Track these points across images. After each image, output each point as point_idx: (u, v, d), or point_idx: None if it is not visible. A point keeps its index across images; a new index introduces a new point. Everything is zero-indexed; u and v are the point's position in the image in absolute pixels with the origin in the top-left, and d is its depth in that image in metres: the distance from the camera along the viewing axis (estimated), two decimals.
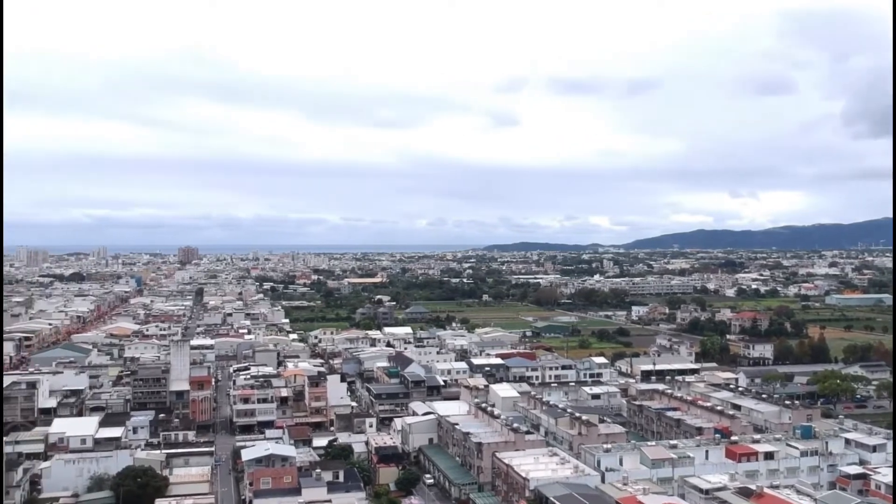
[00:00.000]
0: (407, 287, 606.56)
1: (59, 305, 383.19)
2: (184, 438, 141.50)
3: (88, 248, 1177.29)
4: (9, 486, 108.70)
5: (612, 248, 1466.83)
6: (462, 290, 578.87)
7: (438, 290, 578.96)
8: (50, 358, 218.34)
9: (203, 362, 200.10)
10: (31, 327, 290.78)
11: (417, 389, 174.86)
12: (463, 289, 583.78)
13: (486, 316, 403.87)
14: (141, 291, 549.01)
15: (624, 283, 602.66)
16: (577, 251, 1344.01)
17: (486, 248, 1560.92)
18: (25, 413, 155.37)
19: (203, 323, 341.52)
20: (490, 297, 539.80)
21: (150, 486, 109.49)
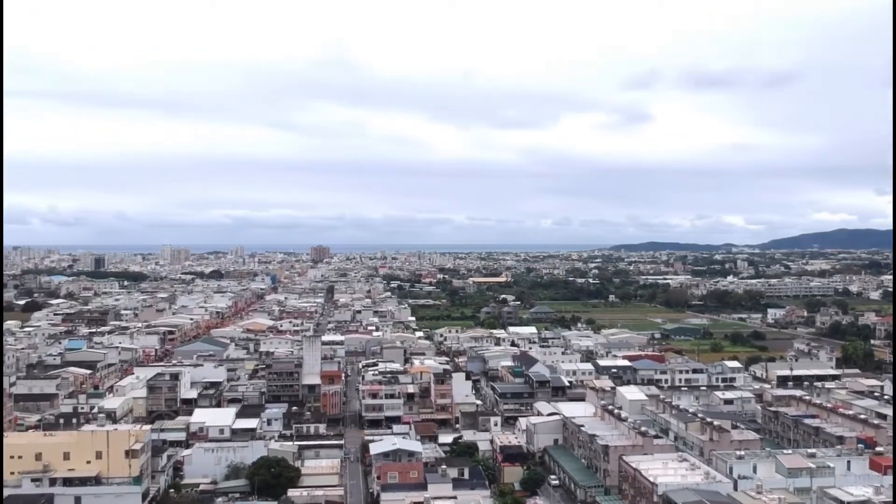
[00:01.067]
0: (532, 287, 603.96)
1: (200, 301, 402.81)
2: (315, 431, 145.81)
3: (227, 248, 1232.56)
4: (154, 470, 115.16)
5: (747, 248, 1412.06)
6: (588, 290, 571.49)
7: (564, 290, 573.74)
8: (191, 351, 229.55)
9: (333, 357, 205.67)
10: (174, 322, 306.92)
11: (542, 390, 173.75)
12: (589, 289, 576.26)
13: (612, 317, 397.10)
14: (276, 289, 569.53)
15: (759, 285, 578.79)
16: (709, 251, 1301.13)
17: (613, 247, 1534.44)
18: (169, 403, 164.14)
19: (333, 319, 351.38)
20: (617, 297, 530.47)
21: (283, 477, 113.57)
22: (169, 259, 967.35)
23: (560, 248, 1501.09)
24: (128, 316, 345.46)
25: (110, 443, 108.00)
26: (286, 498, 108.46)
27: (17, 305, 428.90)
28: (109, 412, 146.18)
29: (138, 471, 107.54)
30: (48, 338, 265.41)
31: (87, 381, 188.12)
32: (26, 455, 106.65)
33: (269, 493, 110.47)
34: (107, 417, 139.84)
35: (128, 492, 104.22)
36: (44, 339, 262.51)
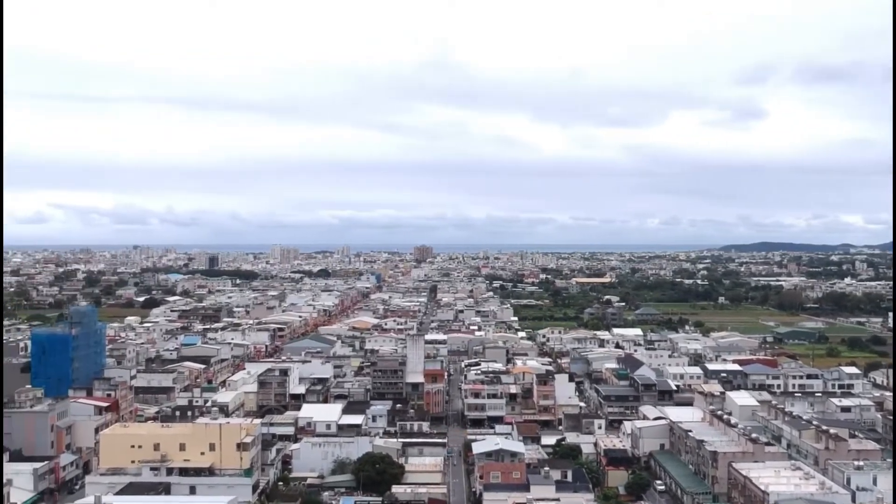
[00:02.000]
0: (637, 287, 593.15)
1: (308, 299, 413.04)
2: (418, 429, 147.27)
3: (334, 247, 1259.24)
4: (264, 463, 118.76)
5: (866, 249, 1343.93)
6: (696, 291, 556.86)
7: (670, 292, 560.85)
8: (300, 348, 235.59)
9: (436, 356, 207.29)
10: (283, 319, 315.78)
11: (648, 393, 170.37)
12: (697, 290, 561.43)
13: (721, 319, 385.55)
14: (380, 287, 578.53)
15: (880, 287, 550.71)
16: (824, 251, 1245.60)
17: (723, 248, 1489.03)
18: (278, 398, 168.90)
19: (436, 319, 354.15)
20: (726, 299, 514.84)
21: (387, 473, 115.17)
22: (279, 258, 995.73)
23: (667, 248, 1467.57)
24: (240, 313, 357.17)
25: (223, 435, 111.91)
26: (390, 494, 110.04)
27: (136, 302, 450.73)
28: (222, 406, 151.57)
29: (249, 463, 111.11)
30: (165, 333, 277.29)
31: (201, 375, 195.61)
32: (146, 445, 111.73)
33: (373, 489, 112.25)
34: (220, 411, 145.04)
35: (239, 483, 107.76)
36: (161, 334, 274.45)
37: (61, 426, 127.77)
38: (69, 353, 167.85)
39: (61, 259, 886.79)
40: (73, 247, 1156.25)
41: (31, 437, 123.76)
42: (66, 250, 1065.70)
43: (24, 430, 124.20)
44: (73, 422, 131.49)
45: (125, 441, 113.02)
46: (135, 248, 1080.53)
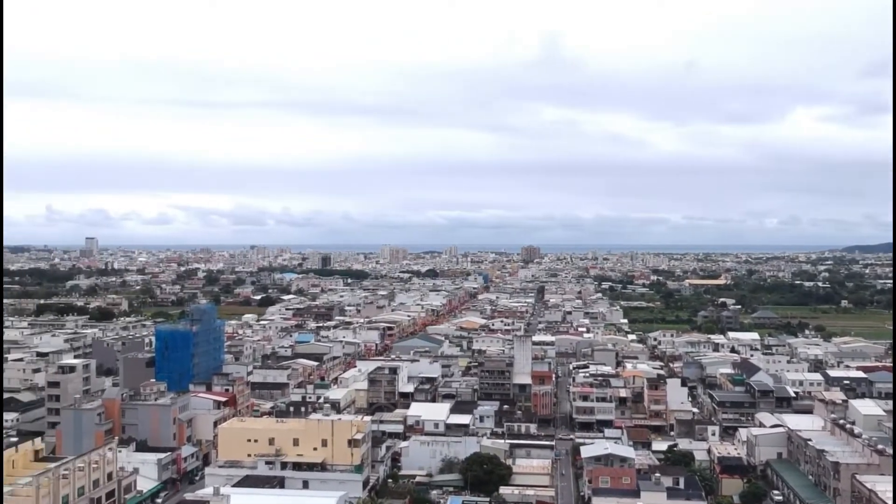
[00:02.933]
0: (753, 290, 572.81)
1: (417, 299, 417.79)
2: (526, 430, 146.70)
3: (442, 247, 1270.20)
4: (374, 460, 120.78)
5: None
6: (817, 294, 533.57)
7: (789, 294, 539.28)
8: (408, 347, 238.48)
9: (544, 358, 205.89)
10: (392, 318, 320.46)
11: (765, 399, 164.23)
12: (818, 293, 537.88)
13: (844, 324, 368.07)
14: (487, 288, 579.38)
15: None
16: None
17: (846, 248, 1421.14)
18: (388, 396, 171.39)
19: (544, 320, 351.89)
20: (850, 302, 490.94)
21: (494, 474, 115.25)
22: (388, 258, 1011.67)
23: (786, 248, 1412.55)
24: (351, 312, 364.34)
25: (335, 432, 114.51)
26: (498, 495, 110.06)
27: (253, 300, 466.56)
28: (334, 402, 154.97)
29: (360, 460, 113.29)
30: (280, 331, 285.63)
31: (314, 372, 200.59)
32: (261, 439, 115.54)
33: (481, 489, 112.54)
34: (332, 407, 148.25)
35: (350, 479, 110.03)
36: (277, 332, 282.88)
37: (183, 419, 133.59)
38: (190, 349, 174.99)
39: (183, 258, 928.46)
40: (194, 247, 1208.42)
41: (155, 429, 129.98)
42: (188, 250, 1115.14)
43: (150, 421, 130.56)
44: (193, 415, 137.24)
45: (242, 435, 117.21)
46: (252, 248, 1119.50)
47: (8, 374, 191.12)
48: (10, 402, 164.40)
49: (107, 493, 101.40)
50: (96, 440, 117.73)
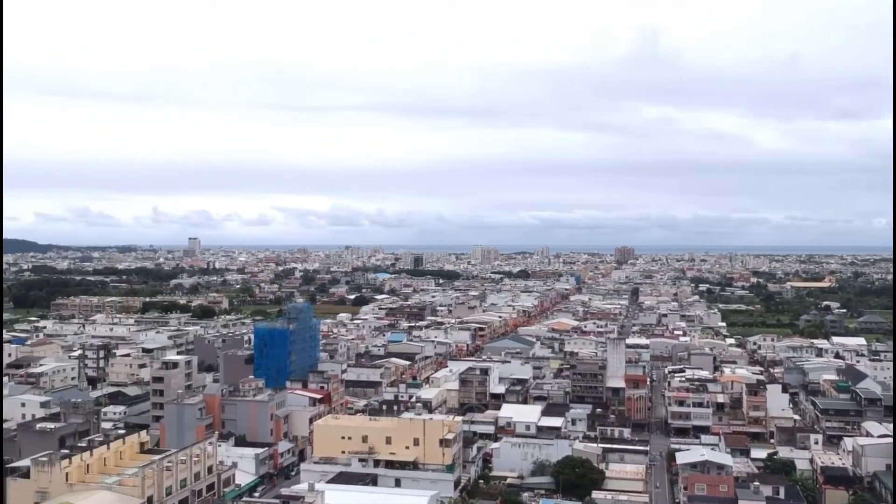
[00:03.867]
0: (860, 293, 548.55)
1: (508, 300, 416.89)
2: (619, 435, 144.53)
3: (533, 248, 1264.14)
4: (465, 460, 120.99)
5: None
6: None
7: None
8: (499, 348, 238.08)
9: (638, 361, 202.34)
10: (484, 319, 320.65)
11: (872, 408, 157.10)
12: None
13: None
14: (580, 289, 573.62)
15: None
16: None
17: None
18: (479, 396, 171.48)
19: (638, 322, 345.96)
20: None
21: (587, 478, 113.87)
22: (480, 258, 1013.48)
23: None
24: (442, 312, 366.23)
25: (426, 431, 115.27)
26: (590, 499, 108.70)
27: (348, 300, 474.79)
28: (426, 402, 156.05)
29: (451, 459, 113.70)
30: (374, 330, 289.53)
31: (406, 371, 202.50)
32: (355, 437, 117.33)
33: (573, 493, 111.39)
34: (423, 407, 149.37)
35: (441, 478, 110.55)
36: (370, 331, 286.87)
37: (279, 415, 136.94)
38: (287, 347, 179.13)
39: (281, 258, 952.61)
40: (292, 247, 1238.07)
41: (253, 425, 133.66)
42: (286, 250, 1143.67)
43: (248, 417, 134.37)
44: (289, 411, 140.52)
45: (336, 432, 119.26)
46: (346, 249, 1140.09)
47: (116, 368, 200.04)
48: (117, 396, 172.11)
49: (207, 485, 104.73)
50: (197, 434, 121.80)
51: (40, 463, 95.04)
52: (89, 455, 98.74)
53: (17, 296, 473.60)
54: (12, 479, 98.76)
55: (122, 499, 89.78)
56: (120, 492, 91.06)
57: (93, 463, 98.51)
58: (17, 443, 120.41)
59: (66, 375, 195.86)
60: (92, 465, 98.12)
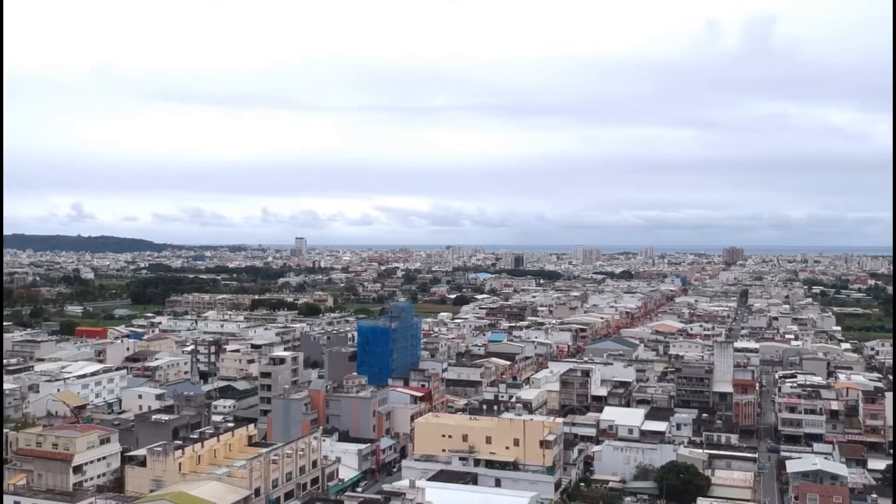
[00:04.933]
0: None
1: (610, 301, 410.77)
2: (726, 441, 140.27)
3: (636, 248, 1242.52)
4: (566, 462, 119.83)
5: None
6: None
7: None
8: (601, 349, 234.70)
9: (747, 366, 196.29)
10: (585, 320, 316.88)
11: None
12: None
13: None
14: (685, 290, 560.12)
15: None
16: None
17: None
18: (580, 398, 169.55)
19: (747, 325, 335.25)
20: None
21: (692, 484, 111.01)
22: (581, 259, 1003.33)
23: None
24: (543, 312, 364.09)
25: (526, 431, 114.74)
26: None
27: (448, 299, 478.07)
28: (526, 402, 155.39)
29: (551, 461, 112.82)
30: (474, 329, 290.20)
31: (506, 371, 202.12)
32: (455, 435, 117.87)
33: (677, 499, 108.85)
34: (524, 407, 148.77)
35: (541, 480, 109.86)
36: (471, 330, 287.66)
37: (382, 412, 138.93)
38: (389, 345, 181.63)
39: (383, 258, 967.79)
40: (394, 246, 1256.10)
41: (356, 421, 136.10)
42: (388, 250, 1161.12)
43: (351, 413, 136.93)
44: (391, 408, 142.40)
45: (437, 430, 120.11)
46: (447, 248, 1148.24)
47: (226, 363, 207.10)
48: (227, 390, 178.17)
49: (312, 479, 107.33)
50: (303, 429, 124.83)
51: (156, 453, 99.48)
52: (201, 446, 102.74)
53: (135, 293, 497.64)
54: (130, 466, 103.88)
55: (230, 489, 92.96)
56: (229, 483, 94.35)
57: (204, 454, 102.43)
58: (134, 433, 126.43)
59: (179, 369, 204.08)
60: (203, 456, 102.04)
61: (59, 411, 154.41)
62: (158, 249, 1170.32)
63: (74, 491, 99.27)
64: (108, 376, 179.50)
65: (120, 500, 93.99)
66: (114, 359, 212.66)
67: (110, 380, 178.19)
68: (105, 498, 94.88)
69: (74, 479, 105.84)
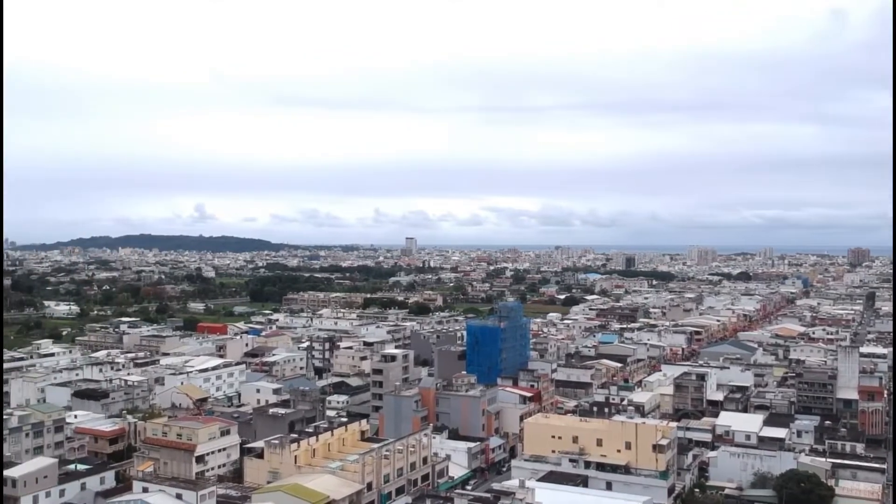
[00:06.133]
0: None
1: (727, 303, 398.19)
2: (851, 450, 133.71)
3: (755, 249, 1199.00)
4: (679, 468, 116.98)
5: None
6: None
7: None
8: (717, 353, 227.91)
9: (874, 372, 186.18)
10: (700, 322, 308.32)
11: None
12: None
13: None
14: (807, 293, 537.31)
15: None
16: None
17: None
18: (695, 402, 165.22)
19: (874, 330, 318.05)
20: None
21: (813, 493, 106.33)
22: (696, 259, 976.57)
23: None
24: (656, 314, 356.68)
25: (639, 435, 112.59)
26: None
27: (557, 300, 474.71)
28: (638, 405, 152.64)
29: (664, 466, 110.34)
30: (584, 331, 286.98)
31: (617, 373, 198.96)
32: (565, 436, 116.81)
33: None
34: (635, 410, 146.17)
35: (654, 485, 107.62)
36: (580, 331, 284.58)
37: (491, 411, 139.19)
38: (498, 345, 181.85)
39: (492, 258, 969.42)
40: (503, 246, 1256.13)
41: (465, 419, 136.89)
42: (496, 250, 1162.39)
43: (461, 411, 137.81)
44: (500, 408, 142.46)
45: (546, 431, 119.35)
46: (556, 249, 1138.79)
47: (339, 360, 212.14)
48: (340, 386, 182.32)
49: (422, 476, 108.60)
50: (413, 425, 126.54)
51: (273, 445, 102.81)
52: (315, 440, 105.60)
53: (253, 291, 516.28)
54: (249, 458, 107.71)
55: (344, 483, 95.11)
56: (342, 476, 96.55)
57: (318, 448, 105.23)
58: (252, 425, 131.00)
59: (295, 365, 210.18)
60: (317, 450, 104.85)
61: (182, 403, 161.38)
62: (275, 249, 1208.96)
63: (197, 479, 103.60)
64: (227, 371, 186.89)
65: (239, 491, 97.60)
66: (233, 354, 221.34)
67: (230, 374, 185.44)
68: (225, 487, 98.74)
69: (197, 469, 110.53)
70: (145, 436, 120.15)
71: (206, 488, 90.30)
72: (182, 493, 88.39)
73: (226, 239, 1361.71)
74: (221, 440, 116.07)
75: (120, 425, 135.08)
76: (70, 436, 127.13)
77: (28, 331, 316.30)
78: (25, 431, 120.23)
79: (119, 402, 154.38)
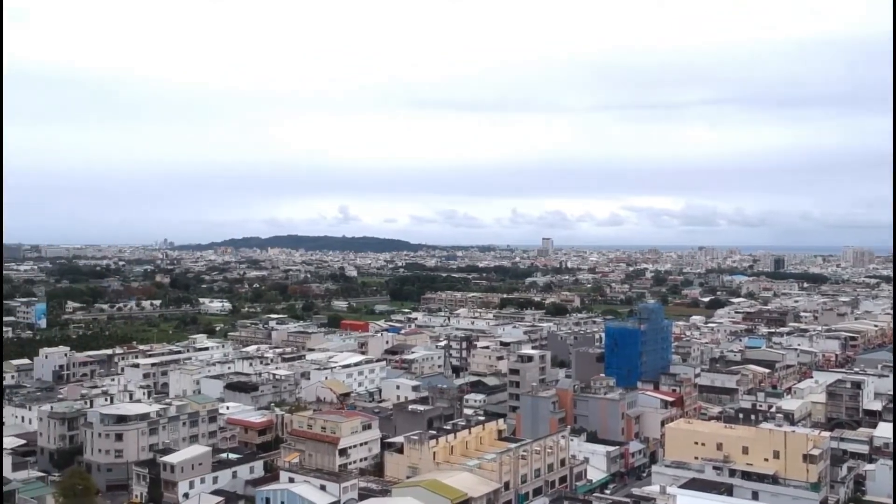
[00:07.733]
0: None
1: (885, 307, 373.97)
2: None
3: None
4: (833, 480, 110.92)
5: None
6: None
7: None
8: (875, 360, 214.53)
9: None
10: (856, 327, 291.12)
11: None
12: None
13: None
14: None
15: None
16: None
17: None
18: (850, 412, 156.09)
19: None
20: None
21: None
22: (851, 261, 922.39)
23: None
24: (807, 318, 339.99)
25: (788, 444, 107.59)
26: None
27: (701, 302, 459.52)
28: (787, 413, 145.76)
29: (816, 477, 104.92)
30: (729, 334, 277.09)
31: (765, 379, 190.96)
32: (708, 443, 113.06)
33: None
34: (784, 418, 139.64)
35: (805, 497, 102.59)
36: (725, 335, 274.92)
37: (630, 415, 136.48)
38: (638, 347, 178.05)
39: (631, 259, 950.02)
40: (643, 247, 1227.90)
41: (604, 422, 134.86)
42: (636, 250, 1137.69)
43: (599, 414, 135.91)
44: (641, 412, 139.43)
45: (689, 437, 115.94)
46: (700, 249, 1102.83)
47: (476, 359, 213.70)
48: (477, 385, 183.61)
49: (559, 477, 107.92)
50: (550, 426, 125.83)
51: (412, 441, 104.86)
52: (453, 437, 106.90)
53: (393, 290, 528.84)
54: (389, 453, 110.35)
55: (481, 481, 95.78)
56: (479, 475, 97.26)
57: (456, 445, 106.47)
58: (392, 421, 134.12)
59: (433, 363, 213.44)
60: (455, 447, 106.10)
61: (326, 397, 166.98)
62: (414, 249, 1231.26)
63: (340, 472, 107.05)
64: (369, 367, 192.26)
65: (379, 484, 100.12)
66: (374, 351, 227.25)
67: (371, 370, 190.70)
68: (366, 480, 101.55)
69: (340, 461, 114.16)
70: (291, 428, 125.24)
71: (349, 481, 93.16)
72: (326, 485, 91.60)
73: (367, 239, 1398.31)
74: (363, 434, 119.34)
75: (268, 417, 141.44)
76: (222, 426, 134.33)
77: (185, 326, 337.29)
78: (182, 421, 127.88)
79: (267, 394, 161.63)
